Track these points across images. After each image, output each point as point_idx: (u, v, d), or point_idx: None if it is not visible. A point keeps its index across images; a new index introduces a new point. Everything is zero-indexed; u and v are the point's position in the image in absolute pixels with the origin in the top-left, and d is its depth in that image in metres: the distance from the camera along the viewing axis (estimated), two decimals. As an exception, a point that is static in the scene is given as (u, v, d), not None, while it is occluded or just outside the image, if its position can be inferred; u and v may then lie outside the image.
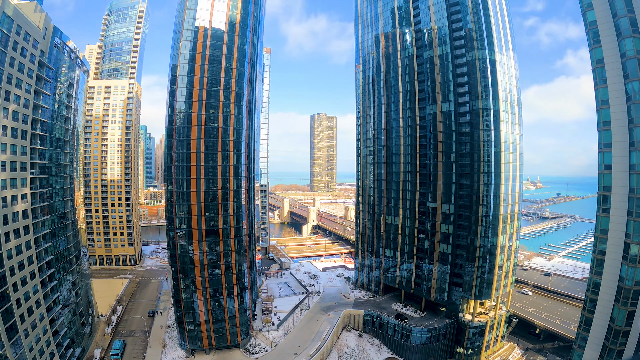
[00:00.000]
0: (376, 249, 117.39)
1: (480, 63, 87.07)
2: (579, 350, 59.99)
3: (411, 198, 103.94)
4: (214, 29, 78.53)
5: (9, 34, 53.35)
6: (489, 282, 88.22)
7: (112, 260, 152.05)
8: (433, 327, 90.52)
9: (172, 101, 77.39)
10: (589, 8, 56.57)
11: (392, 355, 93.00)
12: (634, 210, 51.60)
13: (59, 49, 71.39)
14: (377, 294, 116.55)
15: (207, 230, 78.88)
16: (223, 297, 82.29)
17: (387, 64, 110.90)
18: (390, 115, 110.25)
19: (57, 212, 72.65)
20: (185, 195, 77.13)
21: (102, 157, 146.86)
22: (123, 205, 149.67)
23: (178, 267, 78.58)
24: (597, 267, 57.07)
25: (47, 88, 66.96)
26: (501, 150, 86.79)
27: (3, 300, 51.92)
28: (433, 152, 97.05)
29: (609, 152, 54.98)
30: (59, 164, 73.68)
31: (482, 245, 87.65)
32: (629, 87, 52.10)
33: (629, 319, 51.86)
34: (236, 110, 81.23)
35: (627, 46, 51.86)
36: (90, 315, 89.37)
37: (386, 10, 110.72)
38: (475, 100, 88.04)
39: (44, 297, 63.52)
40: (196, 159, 76.94)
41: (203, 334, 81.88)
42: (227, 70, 79.44)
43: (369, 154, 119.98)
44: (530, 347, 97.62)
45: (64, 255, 75.05)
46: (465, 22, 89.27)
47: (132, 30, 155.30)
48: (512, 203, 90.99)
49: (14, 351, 52.79)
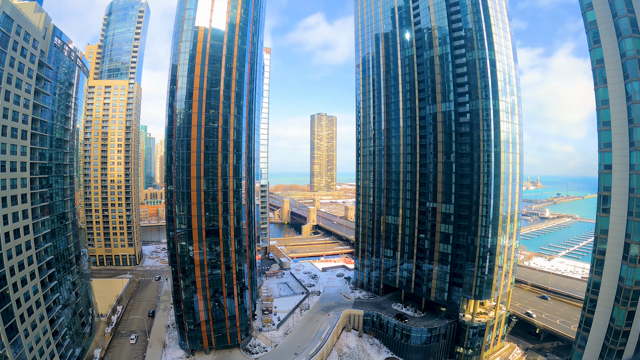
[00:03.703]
0: (376, 249, 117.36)
1: (480, 63, 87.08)
2: (579, 350, 59.99)
3: (411, 198, 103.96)
4: (214, 29, 78.53)
5: (8, 34, 53.32)
6: (489, 282, 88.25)
7: (112, 260, 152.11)
8: (433, 327, 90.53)
9: (172, 101, 77.44)
10: (589, 8, 56.62)
11: (392, 355, 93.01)
12: (634, 210, 51.60)
13: (59, 49, 71.39)
14: (377, 294, 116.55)
15: (207, 230, 78.90)
16: (223, 297, 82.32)
17: (387, 64, 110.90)
18: (390, 115, 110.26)
19: (57, 212, 72.60)
20: (185, 195, 77.15)
21: (102, 157, 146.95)
22: (123, 205, 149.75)
23: (178, 267, 78.62)
24: (597, 267, 57.07)
25: (47, 88, 66.92)
26: (501, 150, 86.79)
27: (3, 300, 51.90)
28: (433, 152, 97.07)
29: (609, 152, 55.00)
30: (59, 164, 73.61)
31: (482, 245, 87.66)
32: (629, 87, 52.11)
33: (629, 319, 51.84)
34: (236, 110, 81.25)
35: (627, 46, 51.88)
36: (90, 315, 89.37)
37: (386, 10, 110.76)
38: (475, 100, 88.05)
39: (44, 297, 63.49)
40: (196, 159, 76.97)
41: (203, 334, 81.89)
42: (227, 70, 79.46)
43: (369, 154, 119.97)
44: (530, 347, 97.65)
45: (64, 255, 75.02)
46: (465, 22, 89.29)
47: (132, 30, 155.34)
48: (512, 203, 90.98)
49: (14, 351, 52.77)
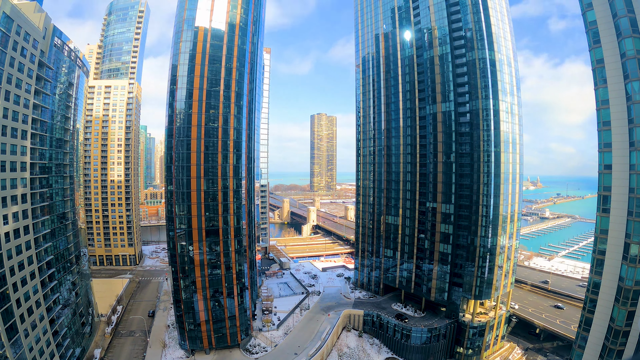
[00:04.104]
0: (376, 249, 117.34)
1: (480, 63, 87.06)
2: (579, 350, 59.98)
3: (411, 198, 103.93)
4: (214, 29, 78.50)
5: (8, 34, 53.32)
6: (489, 282, 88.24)
7: (112, 260, 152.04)
8: (433, 327, 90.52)
9: (172, 101, 77.43)
10: (589, 8, 56.59)
11: (392, 355, 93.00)
12: (634, 210, 51.57)
13: (59, 49, 71.38)
14: (377, 294, 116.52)
15: (207, 230, 78.88)
16: (223, 297, 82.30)
17: (387, 64, 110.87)
18: (390, 115, 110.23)
19: (57, 212, 72.60)
20: (185, 195, 77.13)
21: (102, 157, 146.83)
22: (123, 205, 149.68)
23: (178, 267, 78.60)
24: (597, 267, 57.05)
25: (47, 88, 66.90)
26: (501, 150, 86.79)
27: (3, 300, 51.89)
28: (433, 152, 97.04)
29: (609, 152, 54.98)
30: (59, 164, 73.61)
31: (482, 245, 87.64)
32: (629, 87, 52.09)
33: (629, 319, 51.81)
34: (236, 110, 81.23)
35: (627, 46, 51.84)
36: (90, 315, 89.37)
37: (386, 10, 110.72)
38: (475, 100, 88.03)
39: (44, 297, 63.47)
40: (196, 159, 76.95)
41: (203, 334, 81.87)
42: (227, 70, 79.43)
43: (369, 153, 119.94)
44: (530, 347, 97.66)
45: (64, 255, 75.01)
46: (465, 22, 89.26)
47: (132, 30, 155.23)
48: (512, 203, 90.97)
49: (14, 351, 52.77)
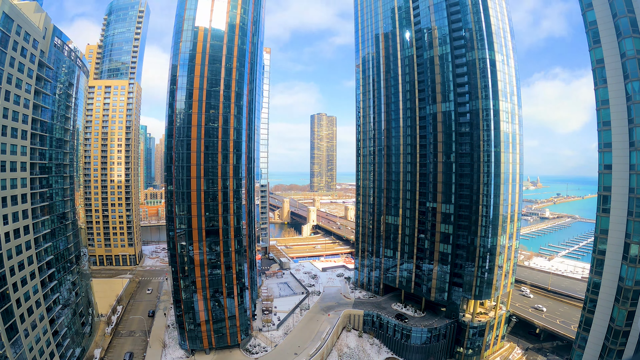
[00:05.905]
0: (376, 249, 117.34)
1: (480, 63, 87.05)
2: (579, 350, 60.02)
3: (411, 198, 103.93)
4: (213, 29, 78.51)
5: (9, 34, 53.32)
6: (489, 282, 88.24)
7: (112, 260, 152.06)
8: (433, 327, 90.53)
9: (172, 101, 77.44)
10: (589, 8, 56.63)
11: (392, 355, 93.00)
12: (634, 210, 51.62)
13: (59, 49, 71.38)
14: (377, 294, 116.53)
15: (207, 230, 78.90)
16: (223, 297, 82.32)
17: (387, 64, 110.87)
18: (390, 115, 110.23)
19: (57, 212, 72.58)
20: (185, 195, 77.14)
21: (102, 157, 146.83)
22: (123, 205, 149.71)
23: (178, 267, 78.62)
24: (597, 267, 57.08)
25: (47, 88, 66.90)
26: (501, 150, 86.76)
27: (3, 300, 51.91)
28: (433, 152, 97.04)
29: (609, 152, 55.03)
30: (59, 164, 73.59)
31: (482, 245, 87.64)
32: (629, 87, 52.13)
33: (629, 319, 51.87)
34: (236, 110, 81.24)
35: (627, 46, 51.92)
36: (90, 315, 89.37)
37: (386, 10, 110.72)
38: (475, 100, 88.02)
39: (44, 297, 63.48)
40: (196, 159, 76.97)
41: (203, 334, 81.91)
42: (227, 70, 79.45)
43: (369, 153, 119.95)
44: (530, 347, 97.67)
45: (64, 255, 75.01)
46: (465, 22, 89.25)
47: (132, 30, 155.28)
48: (512, 203, 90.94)
49: (14, 351, 52.79)
